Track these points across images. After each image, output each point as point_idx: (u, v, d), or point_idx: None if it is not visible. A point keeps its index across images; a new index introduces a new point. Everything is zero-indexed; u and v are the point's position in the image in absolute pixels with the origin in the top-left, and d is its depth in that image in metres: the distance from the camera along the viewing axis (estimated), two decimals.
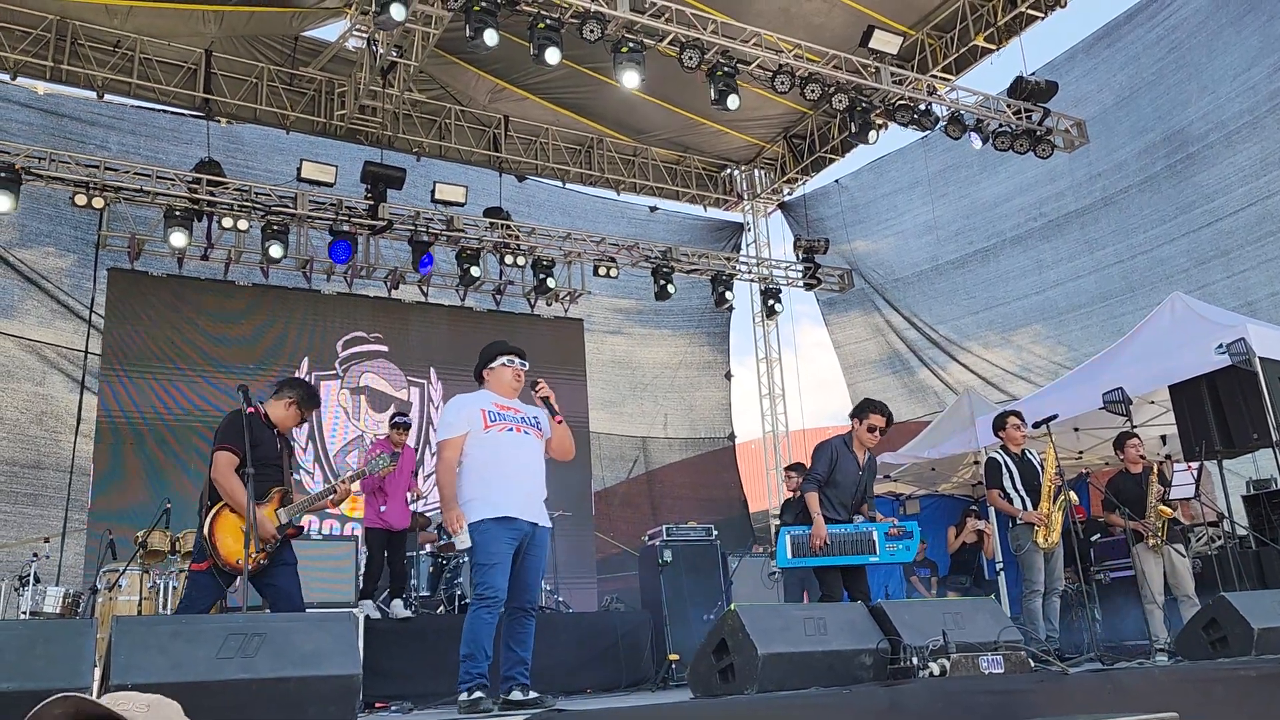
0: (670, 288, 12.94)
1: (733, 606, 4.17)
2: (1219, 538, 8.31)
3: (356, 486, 5.42)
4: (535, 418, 4.83)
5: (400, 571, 7.79)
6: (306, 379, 5.25)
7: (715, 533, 9.15)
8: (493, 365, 4.84)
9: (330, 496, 5.11)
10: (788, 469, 9.54)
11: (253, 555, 4.58)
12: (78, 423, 10.30)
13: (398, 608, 7.50)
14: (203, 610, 4.69)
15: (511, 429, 4.69)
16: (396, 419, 8.08)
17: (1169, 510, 7.32)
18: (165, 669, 3.16)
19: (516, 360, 4.86)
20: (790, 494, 8.92)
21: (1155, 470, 7.47)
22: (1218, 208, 10.60)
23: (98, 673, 3.44)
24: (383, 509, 7.60)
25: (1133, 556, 7.23)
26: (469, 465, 4.65)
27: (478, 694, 4.28)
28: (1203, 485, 7.99)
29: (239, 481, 4.63)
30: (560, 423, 4.81)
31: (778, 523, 6.52)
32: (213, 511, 4.73)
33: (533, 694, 4.36)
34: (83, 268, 10.79)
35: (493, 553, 4.45)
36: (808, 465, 6.36)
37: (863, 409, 6.16)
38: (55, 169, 10.01)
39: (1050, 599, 6.87)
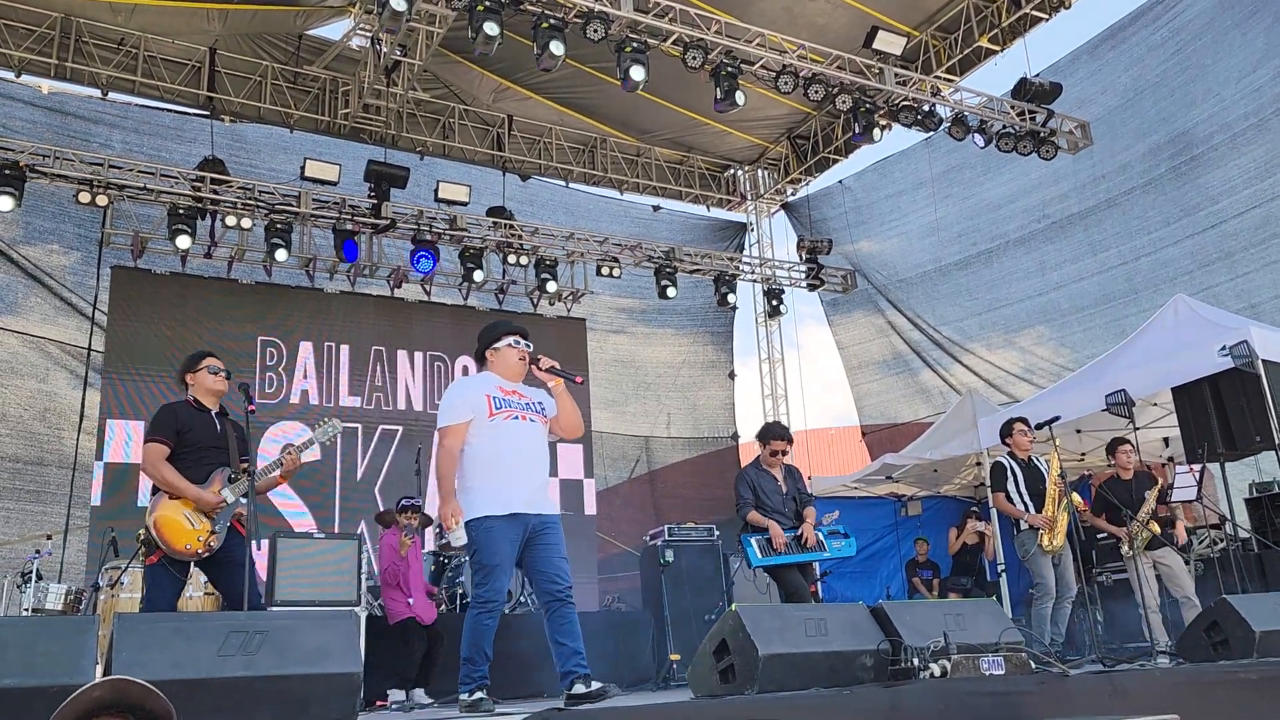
0: (672, 290, 12.95)
1: (734, 607, 4.17)
2: (1221, 540, 8.30)
3: (308, 456, 5.21)
4: (539, 403, 4.60)
5: (432, 663, 6.97)
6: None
7: (717, 533, 9.15)
8: (496, 346, 4.61)
9: (279, 470, 4.98)
10: None
11: (202, 539, 4.59)
12: (80, 420, 10.32)
13: (419, 695, 6.81)
14: (167, 605, 4.63)
15: (517, 417, 4.47)
16: (404, 501, 7.38)
17: (1157, 526, 7.33)
18: (167, 666, 3.17)
19: (521, 341, 4.62)
20: None
21: (1158, 485, 7.48)
22: (1222, 210, 10.59)
23: (99, 670, 3.45)
24: (410, 601, 7.02)
25: (1126, 561, 7.25)
26: (472, 454, 4.44)
27: (479, 694, 4.20)
28: (1205, 488, 7.98)
29: (169, 468, 4.67)
30: (579, 382, 4.61)
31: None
32: (153, 502, 4.72)
33: (596, 684, 4.07)
34: (86, 265, 10.81)
35: (494, 553, 4.28)
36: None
37: (765, 435, 6.77)
38: (59, 167, 10.03)
39: (1062, 605, 6.85)
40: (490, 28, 8.48)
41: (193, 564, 4.73)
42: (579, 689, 4.07)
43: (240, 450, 4.96)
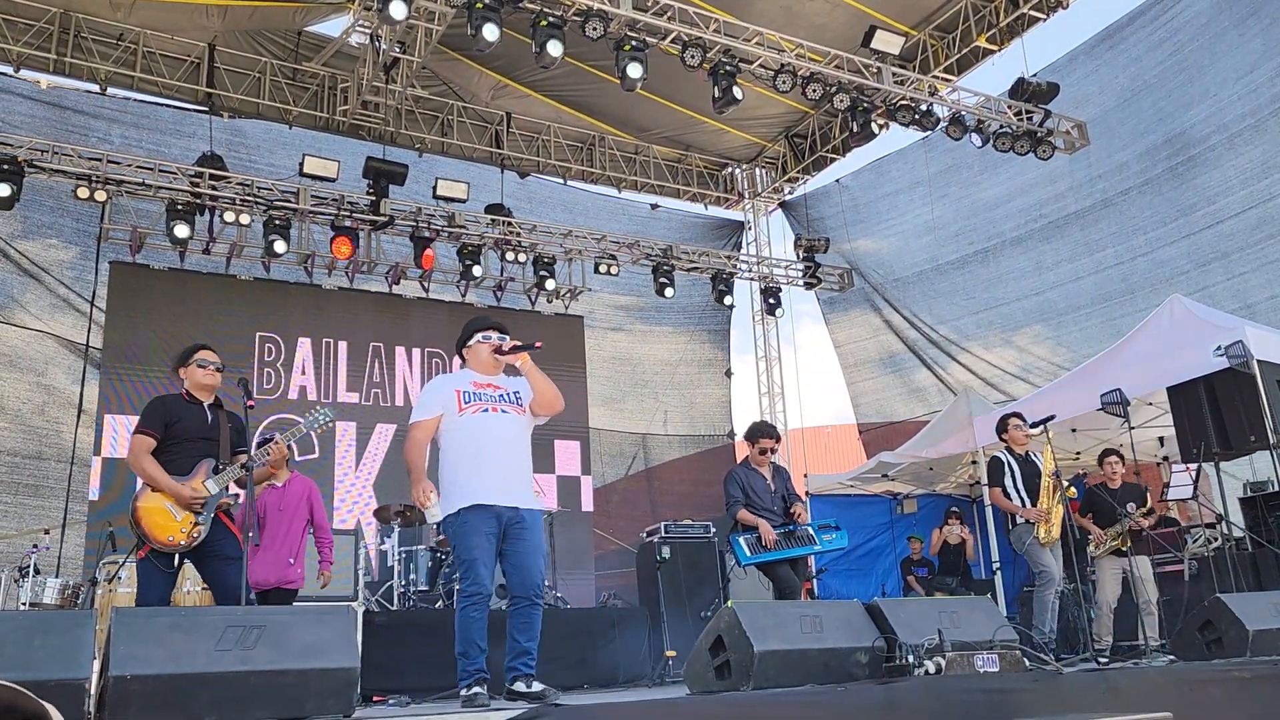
0: (670, 288, 12.97)
1: (730, 604, 4.19)
2: (1216, 539, 8.34)
3: (305, 453, 5.20)
4: (516, 392, 4.63)
5: None
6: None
7: (713, 530, 9.17)
8: (470, 344, 4.70)
9: (266, 459, 4.97)
10: None
11: (185, 530, 4.59)
12: (79, 414, 10.33)
13: None
14: (158, 599, 4.63)
15: (488, 409, 4.51)
16: (265, 437, 6.13)
17: (1144, 521, 7.44)
18: (164, 660, 3.18)
19: (494, 334, 4.67)
20: None
21: (1146, 502, 7.58)
22: (1218, 210, 10.61)
23: (97, 664, 3.46)
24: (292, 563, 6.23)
25: (1095, 566, 7.32)
26: (445, 451, 4.52)
27: (476, 689, 4.23)
28: (1200, 487, 8.02)
29: (151, 461, 4.69)
30: (539, 347, 4.59)
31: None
32: (135, 495, 4.73)
33: (537, 685, 4.24)
34: (85, 260, 10.81)
35: (470, 546, 4.33)
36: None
37: (753, 434, 6.83)
38: (58, 162, 10.03)
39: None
40: (490, 30, 8.50)
41: (179, 557, 4.71)
42: (520, 686, 4.25)
43: (235, 441, 4.97)
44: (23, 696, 1.42)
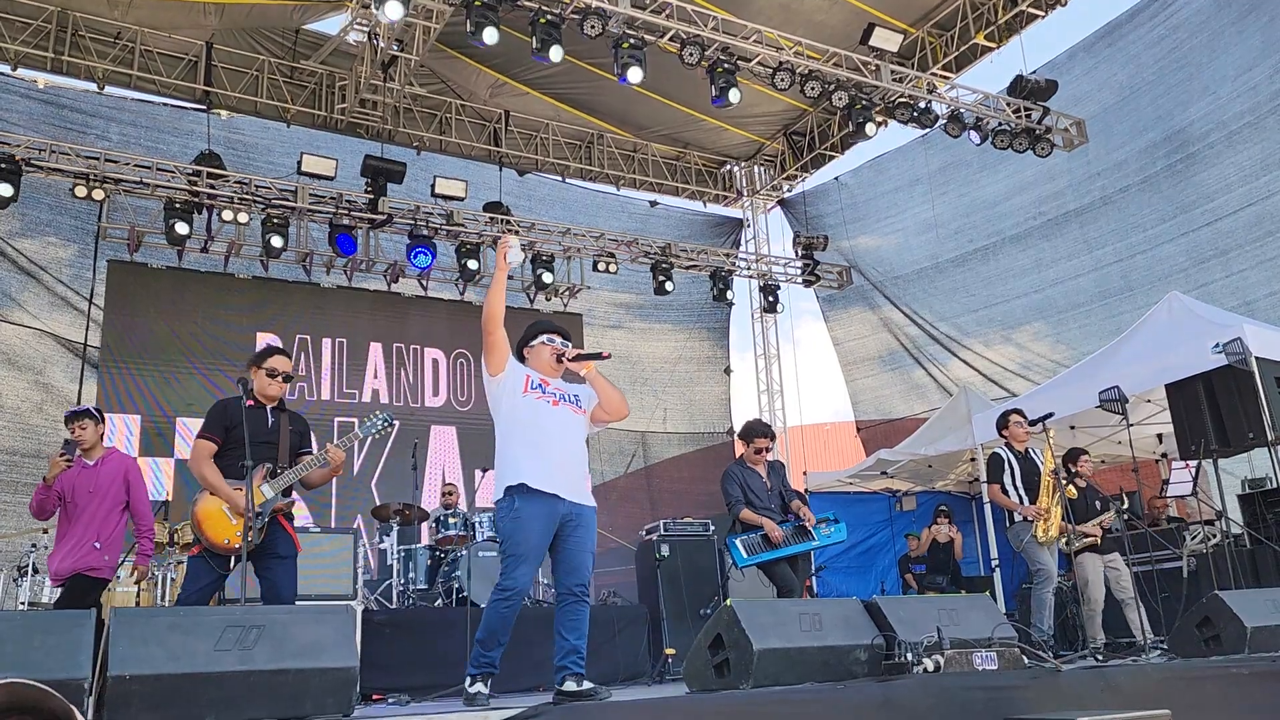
0: (669, 284, 12.97)
1: (729, 602, 4.18)
2: (1214, 536, 8.34)
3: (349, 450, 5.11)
4: (575, 395, 4.60)
5: None
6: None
7: (712, 528, 9.17)
8: (532, 345, 4.68)
9: (323, 466, 4.94)
10: None
11: (238, 535, 4.60)
12: None
13: None
14: (199, 594, 4.68)
15: (549, 401, 4.50)
16: (72, 412, 5.90)
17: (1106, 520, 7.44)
18: (163, 660, 3.18)
19: (557, 339, 4.67)
20: None
21: (1109, 508, 7.54)
22: (1217, 208, 10.62)
23: (95, 664, 3.46)
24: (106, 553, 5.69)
25: (1079, 565, 7.27)
26: (505, 429, 4.46)
27: (478, 686, 4.17)
28: (1199, 484, 8.03)
29: (210, 466, 4.73)
30: (607, 357, 4.64)
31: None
32: (197, 496, 4.79)
33: (587, 684, 4.11)
34: (83, 258, 10.81)
35: (519, 542, 4.26)
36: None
37: (748, 433, 6.81)
38: (56, 160, 10.03)
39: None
40: (490, 34, 8.52)
41: (234, 559, 4.72)
42: (570, 686, 4.11)
43: (298, 444, 4.99)
44: (50, 696, 1.44)
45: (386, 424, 5.26)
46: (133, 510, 5.82)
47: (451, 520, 8.54)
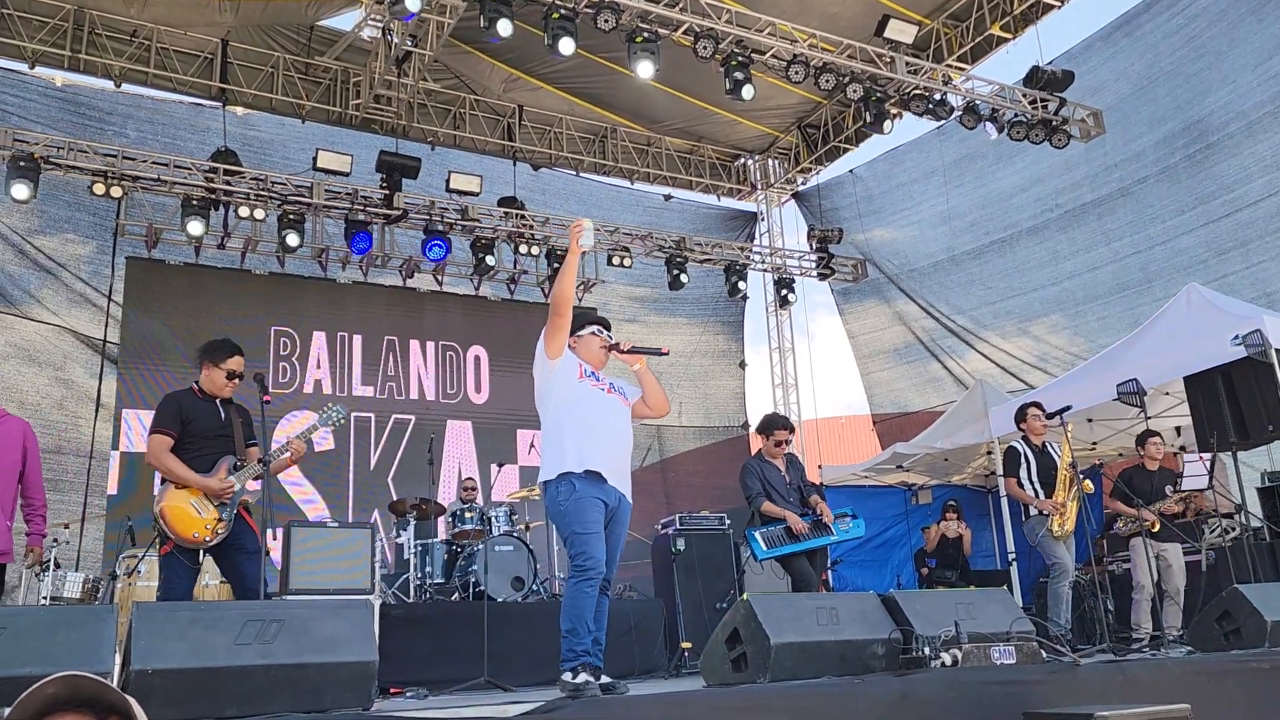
0: (684, 277, 12.96)
1: (745, 596, 4.19)
2: (1233, 529, 8.29)
3: (323, 444, 5.15)
4: (621, 387, 4.64)
5: None
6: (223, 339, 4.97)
7: (728, 522, 9.17)
8: (580, 334, 4.66)
9: (287, 454, 4.98)
10: None
11: (209, 526, 4.64)
12: (97, 409, 10.41)
13: None
14: (183, 593, 4.68)
15: (603, 390, 4.51)
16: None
17: (1174, 507, 7.42)
18: (184, 654, 3.21)
19: (604, 331, 4.70)
20: None
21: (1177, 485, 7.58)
22: (1237, 198, 10.52)
23: (118, 658, 3.49)
24: None
25: (1131, 549, 7.26)
26: (558, 414, 4.44)
27: (583, 676, 4.04)
28: (1217, 477, 7.97)
29: (173, 458, 4.72)
30: (666, 353, 4.67)
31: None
32: (160, 493, 4.78)
33: (605, 679, 4.11)
34: (102, 254, 10.89)
35: (588, 521, 4.22)
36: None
37: (767, 427, 6.84)
38: (74, 158, 10.10)
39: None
40: (504, 26, 8.52)
41: (202, 552, 4.77)
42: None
43: (245, 436, 5.00)
44: (108, 689, 1.47)
45: (341, 416, 5.36)
46: (26, 481, 5.21)
47: (468, 515, 8.57)
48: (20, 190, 9.58)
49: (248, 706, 3.22)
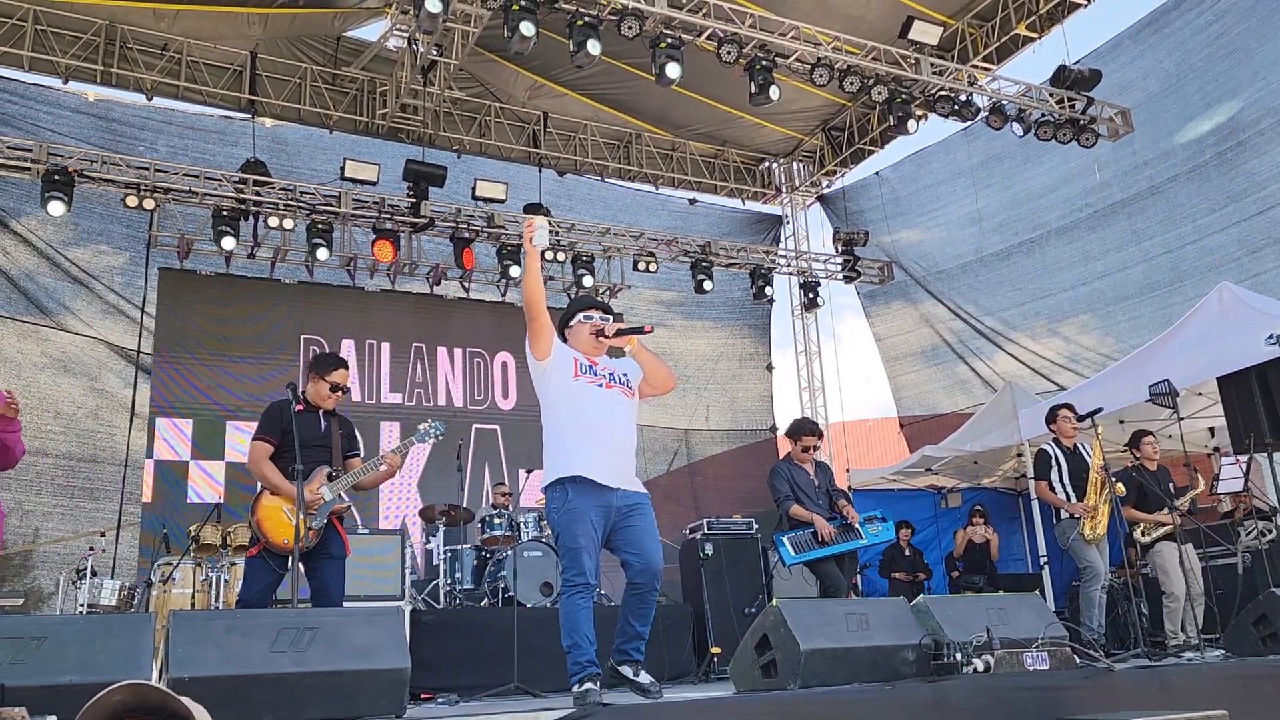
0: (708, 282, 12.96)
1: (775, 601, 4.17)
2: (1270, 532, 8.18)
3: (410, 452, 5.21)
4: (624, 374, 4.42)
5: None
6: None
7: (756, 526, 9.14)
8: (571, 325, 4.46)
9: (381, 468, 5.05)
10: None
11: (302, 534, 4.71)
12: (131, 418, 10.56)
13: None
14: (259, 593, 4.80)
15: (601, 385, 4.30)
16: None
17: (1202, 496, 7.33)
18: (220, 662, 3.25)
19: (596, 314, 4.45)
20: None
21: (1190, 485, 7.44)
22: (1269, 195, 10.38)
23: (156, 666, 3.54)
24: None
25: (1156, 555, 7.12)
26: (555, 417, 4.28)
27: (587, 685, 3.97)
28: (1253, 478, 7.87)
29: (270, 466, 4.86)
30: (649, 331, 4.41)
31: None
32: (256, 498, 4.93)
33: (645, 676, 4.01)
34: (135, 265, 11.05)
35: (576, 534, 4.10)
36: None
37: (796, 431, 6.86)
38: (107, 171, 10.25)
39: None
40: (526, 28, 8.55)
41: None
42: (626, 671, 4.07)
43: (346, 446, 5.12)
44: (170, 698, 1.50)
45: (439, 432, 5.40)
46: None
47: (497, 521, 8.61)
48: (56, 207, 9.76)
49: (283, 713, 3.26)
